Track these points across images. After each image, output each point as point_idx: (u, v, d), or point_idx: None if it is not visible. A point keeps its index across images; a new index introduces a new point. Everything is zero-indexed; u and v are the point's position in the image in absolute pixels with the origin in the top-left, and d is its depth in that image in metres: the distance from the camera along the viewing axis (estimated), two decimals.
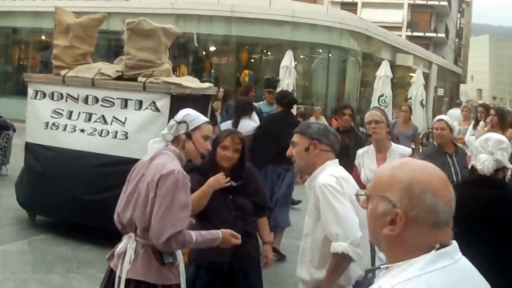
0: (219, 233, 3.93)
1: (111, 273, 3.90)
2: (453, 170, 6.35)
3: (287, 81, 17.33)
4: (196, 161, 4.06)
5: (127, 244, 3.82)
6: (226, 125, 8.64)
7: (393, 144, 5.77)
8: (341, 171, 3.85)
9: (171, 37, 8.42)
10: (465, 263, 1.88)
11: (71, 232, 8.13)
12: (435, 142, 6.88)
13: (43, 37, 27.74)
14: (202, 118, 4.03)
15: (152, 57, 8.01)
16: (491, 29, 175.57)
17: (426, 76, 31.60)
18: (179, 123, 3.94)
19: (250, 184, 4.74)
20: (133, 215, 3.80)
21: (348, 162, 6.90)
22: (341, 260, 3.50)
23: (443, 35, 54.13)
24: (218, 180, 4.50)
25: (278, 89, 17.51)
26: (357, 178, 5.34)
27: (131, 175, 3.98)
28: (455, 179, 6.22)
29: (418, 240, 1.81)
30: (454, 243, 1.86)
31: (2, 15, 26.77)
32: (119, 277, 3.76)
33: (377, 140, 5.74)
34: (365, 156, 5.88)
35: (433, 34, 53.18)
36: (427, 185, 1.82)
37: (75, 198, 7.84)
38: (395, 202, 1.82)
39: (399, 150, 5.71)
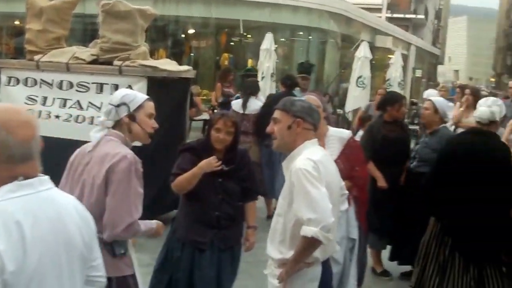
0: (153, 223, 3.86)
1: None
2: (417, 148, 6.85)
3: (267, 64, 17.12)
4: (145, 142, 3.85)
5: None
6: (237, 103, 9.50)
7: (331, 129, 5.39)
8: (319, 154, 3.73)
9: (148, 19, 8.23)
10: (50, 193, 2.20)
11: None
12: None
13: (16, 22, 27.02)
14: (142, 96, 3.82)
15: (128, 39, 7.83)
16: (469, 10, 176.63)
17: (405, 58, 31.59)
18: (117, 106, 3.70)
19: (242, 169, 4.80)
20: None
21: (404, 153, 6.99)
22: (310, 244, 3.49)
23: (423, 16, 54.28)
24: (210, 163, 4.54)
25: (259, 72, 17.50)
26: None
27: (70, 167, 3.76)
28: (413, 156, 6.88)
29: None
30: (42, 177, 2.17)
31: None
32: None
33: None
34: None
35: (413, 16, 53.26)
36: (2, 124, 2.09)
37: None
38: None
39: (338, 134, 5.39)
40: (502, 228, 5.16)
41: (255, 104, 9.31)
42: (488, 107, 5.45)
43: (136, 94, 3.84)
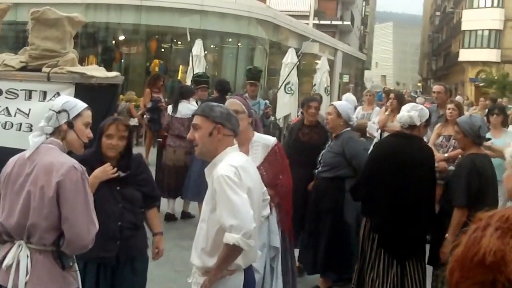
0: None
1: None
2: (323, 153, 6.80)
3: (197, 70, 17.35)
4: (79, 152, 3.78)
5: (18, 254, 3.49)
6: (170, 107, 9.77)
7: (256, 134, 5.22)
8: (241, 160, 3.71)
9: (77, 25, 8.29)
10: None
11: None
12: None
13: None
14: (82, 104, 3.77)
15: (57, 46, 7.88)
16: (395, 17, 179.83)
17: (331, 63, 32.24)
18: (58, 112, 3.65)
19: (139, 174, 4.61)
20: (24, 221, 3.48)
21: (313, 158, 6.86)
22: (232, 251, 3.49)
23: (349, 22, 55.34)
24: (105, 171, 4.35)
25: (189, 78, 17.72)
26: None
27: (8, 177, 3.62)
28: (318, 161, 6.79)
29: None
30: None
31: None
32: None
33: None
34: None
35: (339, 22, 54.24)
36: None
37: None
38: None
39: (262, 140, 5.19)
40: (424, 227, 5.62)
41: (187, 108, 9.39)
42: (407, 112, 5.77)
43: (77, 102, 3.79)
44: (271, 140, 5.31)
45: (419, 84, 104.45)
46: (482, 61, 52.51)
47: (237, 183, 3.52)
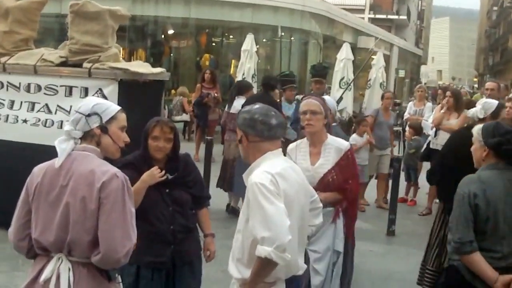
0: None
1: None
2: None
3: (248, 65, 17.04)
4: (116, 156, 3.47)
5: (58, 267, 3.23)
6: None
7: (329, 137, 5.12)
8: (279, 166, 3.48)
9: (119, 20, 7.99)
10: None
11: None
12: None
13: None
14: (115, 107, 3.46)
15: (98, 41, 7.58)
16: (452, 11, 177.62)
17: (387, 58, 31.55)
18: (88, 115, 3.31)
19: (187, 175, 4.52)
20: (64, 236, 3.20)
21: None
22: (265, 264, 3.27)
23: (405, 17, 54.64)
24: (152, 175, 4.27)
25: (239, 73, 17.31)
26: None
27: (39, 188, 3.29)
28: None
29: None
30: None
31: None
32: None
33: (312, 133, 4.99)
34: (298, 151, 5.15)
35: (395, 16, 53.65)
36: None
37: (18, 194, 7.33)
38: None
39: (336, 144, 5.08)
40: None
41: (240, 104, 9.05)
42: (476, 106, 6.34)
43: (109, 104, 3.50)
44: (345, 144, 5.16)
45: (475, 79, 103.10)
46: None
47: (272, 192, 3.31)
